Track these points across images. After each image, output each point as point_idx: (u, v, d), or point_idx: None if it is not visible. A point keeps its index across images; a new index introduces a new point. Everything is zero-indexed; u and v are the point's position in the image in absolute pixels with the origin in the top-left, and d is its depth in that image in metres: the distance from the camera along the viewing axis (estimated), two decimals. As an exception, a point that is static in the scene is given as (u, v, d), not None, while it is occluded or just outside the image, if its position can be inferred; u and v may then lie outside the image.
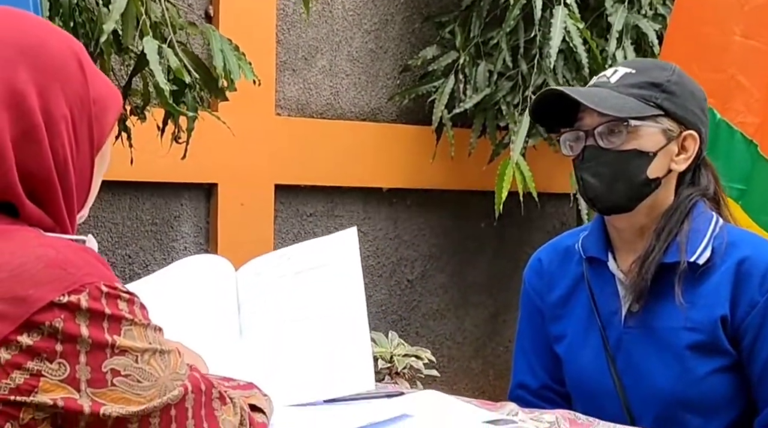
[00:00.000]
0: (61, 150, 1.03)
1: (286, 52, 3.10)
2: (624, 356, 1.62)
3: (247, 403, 1.12)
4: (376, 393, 1.54)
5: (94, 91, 1.07)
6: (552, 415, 1.40)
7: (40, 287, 0.93)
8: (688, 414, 1.58)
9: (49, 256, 0.95)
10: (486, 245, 3.45)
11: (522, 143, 3.00)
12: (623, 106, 1.55)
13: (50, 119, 1.02)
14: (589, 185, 1.58)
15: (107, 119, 1.09)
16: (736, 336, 1.57)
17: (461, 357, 3.41)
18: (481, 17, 3.17)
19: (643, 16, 3.11)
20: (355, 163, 3.16)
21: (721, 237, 1.58)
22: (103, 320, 0.95)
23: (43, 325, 0.92)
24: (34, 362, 0.92)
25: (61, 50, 1.06)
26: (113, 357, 0.95)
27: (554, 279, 1.71)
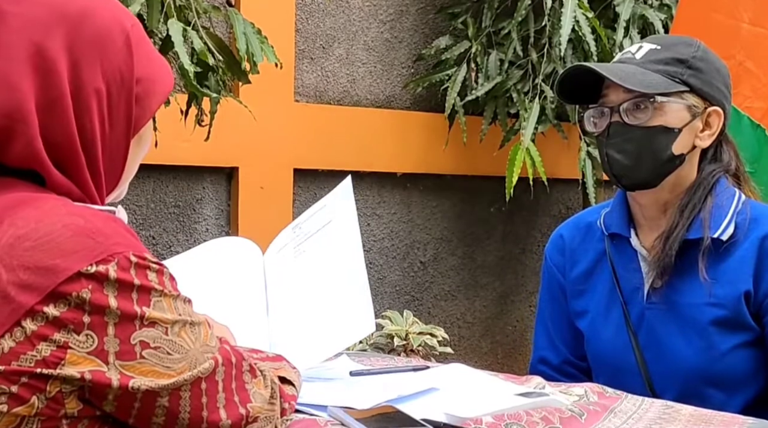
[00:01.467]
0: (89, 124, 0.95)
1: (305, 41, 3.01)
2: (646, 332, 1.54)
3: (277, 375, 1.04)
4: (403, 367, 1.46)
5: (140, 71, 0.98)
6: (581, 388, 1.31)
7: (67, 257, 0.85)
8: (710, 389, 1.50)
9: (77, 224, 0.87)
10: (495, 229, 3.37)
11: (532, 129, 2.92)
12: (649, 82, 1.46)
13: (80, 91, 0.94)
14: (615, 161, 1.49)
15: (151, 102, 1.00)
16: (758, 311, 1.49)
17: (471, 336, 3.33)
18: (492, 8, 3.10)
19: (650, 6, 3.04)
20: (370, 148, 3.08)
21: (744, 213, 1.50)
22: (132, 291, 0.87)
23: (70, 296, 0.84)
24: (60, 333, 0.84)
25: (108, 22, 0.97)
26: (143, 329, 0.87)
27: (576, 255, 1.63)
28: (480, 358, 3.35)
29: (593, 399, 1.27)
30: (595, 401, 1.26)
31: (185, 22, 2.12)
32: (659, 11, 3.02)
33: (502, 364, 3.41)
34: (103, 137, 0.96)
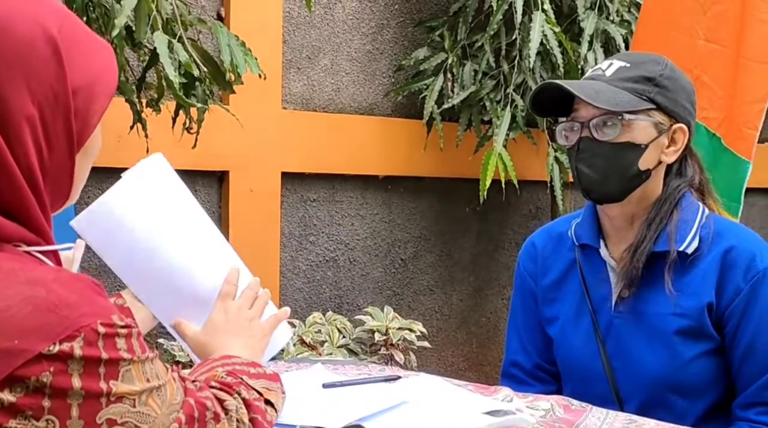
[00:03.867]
0: (24, 157, 0.75)
1: (292, 51, 2.87)
2: (614, 340, 1.42)
3: (264, 398, 0.91)
4: (376, 377, 1.34)
5: (76, 80, 0.78)
6: (547, 402, 1.19)
7: (26, 337, 0.70)
8: (674, 397, 1.38)
9: (38, 297, 0.71)
10: (470, 228, 3.25)
11: (504, 135, 2.81)
12: (618, 100, 1.34)
13: (7, 122, 0.74)
14: (584, 175, 1.38)
15: (93, 110, 0.81)
16: (720, 321, 1.37)
17: (448, 328, 3.21)
18: (467, 22, 2.98)
19: (611, 21, 2.92)
20: (354, 153, 2.96)
21: (708, 227, 1.38)
22: (100, 365, 0.73)
23: (28, 380, 0.70)
24: (17, 420, 0.70)
25: (29, 32, 0.75)
26: (110, 406, 0.73)
27: (548, 264, 1.51)
28: (456, 348, 3.24)
29: (559, 414, 1.15)
30: (561, 416, 1.14)
31: (171, 34, 1.98)
32: (620, 26, 2.92)
33: (477, 353, 3.29)
34: (43, 165, 0.78)
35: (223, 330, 1.04)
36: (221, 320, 1.05)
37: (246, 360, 0.97)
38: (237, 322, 1.05)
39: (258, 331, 1.06)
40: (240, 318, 1.05)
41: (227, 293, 1.06)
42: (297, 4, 2.88)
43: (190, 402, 0.82)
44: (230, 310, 1.05)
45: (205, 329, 1.05)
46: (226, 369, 0.94)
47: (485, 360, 3.31)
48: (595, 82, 1.37)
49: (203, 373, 0.94)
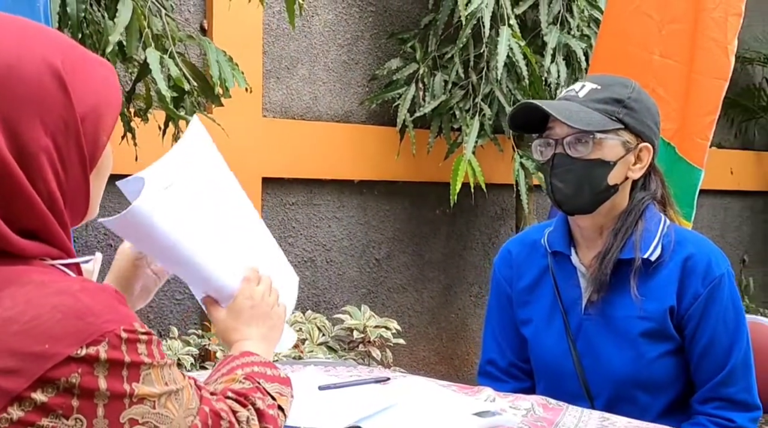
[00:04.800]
0: (44, 185, 0.79)
1: (272, 62, 2.89)
2: (583, 340, 1.47)
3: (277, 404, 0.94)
4: (367, 378, 1.38)
5: (83, 107, 0.80)
6: (527, 401, 1.24)
7: (56, 342, 0.73)
8: (639, 392, 1.44)
9: (66, 305, 0.74)
10: (440, 229, 3.30)
11: (473, 143, 2.86)
12: (590, 120, 1.39)
13: (26, 157, 0.77)
14: (557, 189, 1.43)
15: (102, 131, 0.83)
16: (680, 323, 1.43)
17: (420, 324, 3.26)
18: (437, 35, 3.02)
19: (573, 36, 2.99)
20: (330, 158, 2.98)
21: (669, 236, 1.44)
22: (123, 368, 0.76)
23: (58, 381, 0.73)
24: (48, 419, 0.73)
25: (35, 72, 0.77)
26: (132, 407, 0.76)
27: (522, 269, 1.56)
28: (428, 343, 3.29)
29: (539, 413, 1.20)
30: (541, 415, 1.20)
31: (162, 49, 1.99)
32: (581, 41, 2.99)
33: (447, 347, 3.35)
34: (61, 189, 0.81)
35: (248, 315, 1.04)
36: (246, 305, 1.04)
37: (263, 359, 0.99)
38: (261, 308, 1.05)
39: (277, 319, 1.07)
40: (263, 304, 1.06)
41: (252, 277, 1.06)
42: (276, 17, 2.90)
43: (205, 409, 0.85)
44: (255, 295, 1.05)
45: (230, 312, 1.05)
46: (245, 372, 0.96)
47: (454, 353, 3.37)
48: (569, 103, 1.42)
49: (224, 374, 0.97)
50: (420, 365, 3.21)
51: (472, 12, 2.76)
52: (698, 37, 2.44)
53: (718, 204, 4.30)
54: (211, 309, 1.06)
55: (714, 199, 4.19)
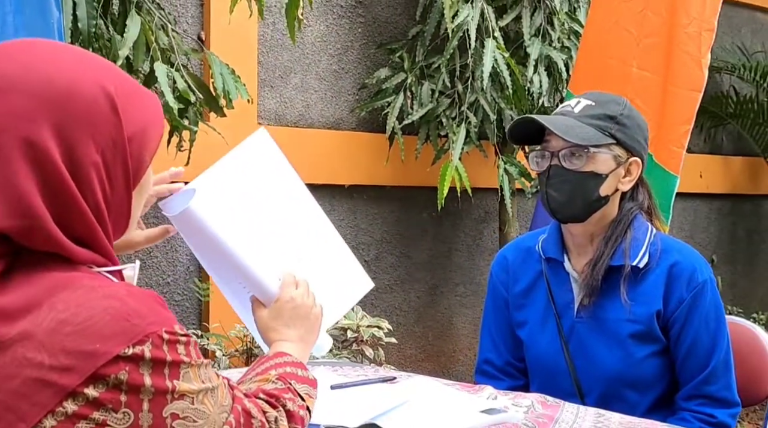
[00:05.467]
0: (93, 197, 0.84)
1: (266, 71, 2.93)
2: (576, 341, 1.54)
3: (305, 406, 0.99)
4: (375, 378, 1.44)
5: (130, 129, 0.86)
6: (527, 399, 1.31)
7: (106, 341, 0.78)
8: (627, 390, 1.51)
9: (114, 308, 0.79)
10: (427, 232, 3.36)
11: (460, 149, 2.92)
12: (584, 135, 1.46)
13: (78, 170, 0.82)
14: (552, 198, 1.49)
15: (146, 152, 0.89)
16: (666, 326, 1.50)
17: (407, 323, 3.32)
18: (424, 45, 3.08)
19: (554, 48, 3.06)
20: (322, 164, 3.03)
21: (656, 244, 1.51)
22: (165, 367, 0.81)
23: (108, 377, 0.78)
24: (99, 412, 0.78)
25: (91, 94, 0.83)
26: (173, 402, 0.81)
27: (517, 274, 1.62)
28: (414, 341, 3.35)
29: (539, 410, 1.27)
30: (541, 412, 1.26)
31: (168, 62, 2.03)
32: (561, 52, 3.05)
33: (433, 345, 3.41)
34: (107, 202, 0.86)
35: (288, 316, 1.09)
36: (288, 306, 1.09)
37: (296, 360, 1.04)
38: (301, 309, 1.09)
39: (315, 320, 1.11)
40: (303, 306, 1.10)
41: (290, 281, 1.10)
42: (270, 28, 2.94)
43: (237, 408, 0.90)
44: (296, 297, 1.10)
45: (271, 312, 1.09)
46: (278, 372, 1.01)
47: (440, 351, 3.44)
48: (565, 118, 1.49)
49: (258, 374, 1.02)
50: (407, 362, 3.28)
51: (458, 24, 2.82)
52: (674, 51, 2.52)
53: (688, 206, 4.41)
54: (255, 309, 1.11)
55: (684, 202, 4.30)
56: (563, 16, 3.06)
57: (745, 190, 4.71)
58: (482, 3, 2.88)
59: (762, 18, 4.79)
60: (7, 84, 0.81)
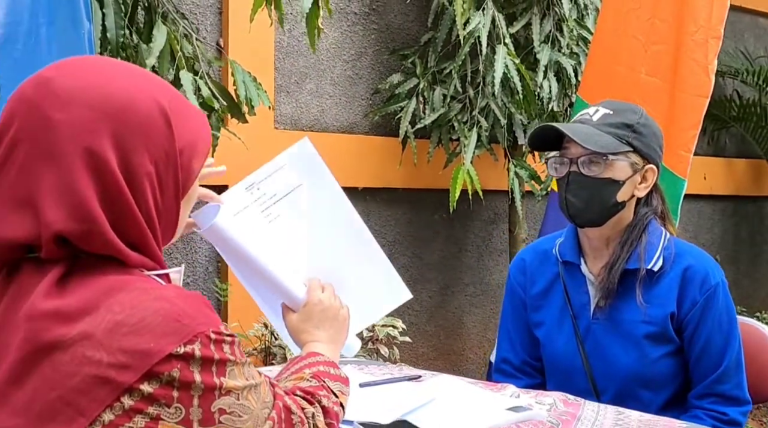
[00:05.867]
0: (145, 204, 0.88)
1: (282, 77, 2.97)
2: (591, 342, 1.57)
3: (338, 402, 1.03)
4: (400, 376, 1.47)
5: (181, 142, 0.90)
6: (550, 397, 1.34)
7: (159, 341, 0.82)
8: (641, 389, 1.54)
9: (165, 309, 0.83)
10: (438, 233, 3.40)
11: (471, 153, 2.95)
12: (603, 143, 1.49)
13: (133, 178, 0.86)
14: (571, 203, 1.53)
15: (195, 164, 0.92)
16: (680, 327, 1.54)
17: (419, 322, 3.36)
18: (436, 51, 3.11)
19: (563, 54, 3.09)
20: (336, 167, 2.95)
21: (669, 248, 1.55)
22: (212, 364, 0.84)
23: (162, 375, 0.81)
24: (153, 407, 0.81)
25: (147, 108, 0.87)
26: (220, 398, 0.85)
27: (535, 276, 1.66)
28: (426, 340, 3.38)
29: (561, 408, 1.30)
30: (563, 409, 1.30)
31: (192, 71, 2.07)
32: (570, 58, 3.08)
33: (444, 344, 3.45)
34: (158, 210, 0.90)
35: (318, 318, 1.13)
36: (316, 309, 1.13)
37: (328, 359, 1.08)
38: (329, 311, 1.14)
39: (343, 321, 1.15)
40: (331, 308, 1.14)
41: (315, 286, 1.15)
42: (287, 35, 2.97)
43: (279, 404, 0.93)
44: (324, 300, 1.14)
45: (301, 316, 1.14)
46: (312, 371, 1.05)
47: (451, 350, 3.47)
48: (584, 126, 1.52)
49: (293, 372, 1.06)
50: (419, 360, 3.31)
51: (470, 31, 2.86)
52: (681, 58, 2.55)
53: (693, 208, 4.44)
54: (285, 313, 1.15)
55: (688, 203, 4.32)
56: (572, 23, 3.09)
57: (748, 192, 4.74)
58: (493, 10, 2.91)
59: (765, 23, 4.82)
60: (71, 98, 0.85)
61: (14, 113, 0.86)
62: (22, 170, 0.84)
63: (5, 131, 0.86)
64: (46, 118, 0.84)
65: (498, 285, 3.57)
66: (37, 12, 1.68)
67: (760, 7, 4.61)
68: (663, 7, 2.57)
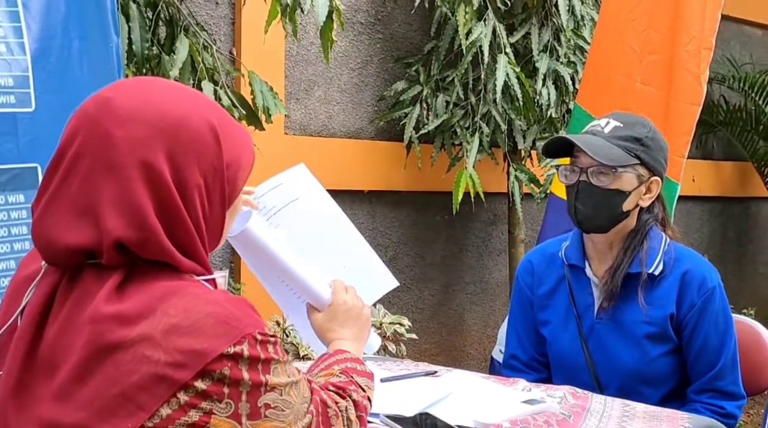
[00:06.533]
0: (195, 214, 0.92)
1: (292, 85, 3.02)
2: (595, 341, 1.63)
3: (366, 396, 1.07)
4: (418, 372, 1.53)
5: (228, 156, 0.94)
6: (560, 391, 1.40)
7: (212, 341, 0.87)
8: (642, 385, 1.60)
9: (217, 313, 0.88)
10: (440, 234, 3.45)
11: (474, 158, 3.00)
12: (613, 155, 1.54)
13: (185, 190, 0.91)
14: (580, 211, 1.58)
15: (240, 178, 0.97)
16: (679, 327, 1.59)
17: (422, 319, 3.41)
18: (439, 60, 3.16)
19: (561, 63, 3.14)
20: (344, 171, 3.12)
21: (669, 253, 1.60)
22: (259, 363, 0.89)
23: (214, 372, 0.86)
24: (206, 402, 0.86)
25: (198, 126, 0.92)
26: (266, 394, 0.90)
27: (542, 278, 1.71)
28: (429, 336, 3.44)
29: (571, 401, 1.36)
30: (573, 402, 1.35)
31: (212, 81, 2.12)
32: (568, 67, 3.13)
33: (446, 340, 3.50)
34: (206, 220, 0.94)
35: (343, 318, 1.18)
36: (341, 309, 1.18)
37: (354, 356, 1.13)
38: (353, 311, 1.19)
39: (366, 320, 1.21)
40: (354, 308, 1.19)
41: (340, 287, 1.20)
42: (296, 44, 3.02)
43: (316, 399, 0.98)
44: (348, 301, 1.19)
45: (326, 315, 1.19)
46: (341, 367, 1.10)
47: (452, 346, 3.53)
48: (595, 137, 1.57)
49: (323, 369, 1.11)
50: (423, 356, 3.37)
51: (472, 41, 2.91)
52: (675, 68, 2.60)
53: (682, 209, 4.51)
54: (310, 313, 1.20)
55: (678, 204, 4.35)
56: (569, 33, 3.15)
57: (735, 193, 4.82)
58: (494, 21, 2.97)
59: (750, 31, 4.89)
60: (129, 116, 0.90)
61: (78, 128, 0.91)
62: (84, 181, 0.89)
63: (69, 145, 0.91)
64: (107, 134, 0.89)
65: (497, 284, 3.63)
66: (69, 27, 1.72)
67: (745, 15, 4.68)
68: (658, 19, 2.63)
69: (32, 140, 1.64)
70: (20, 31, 1.64)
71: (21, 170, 1.63)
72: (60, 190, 0.90)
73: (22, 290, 0.95)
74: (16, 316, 0.93)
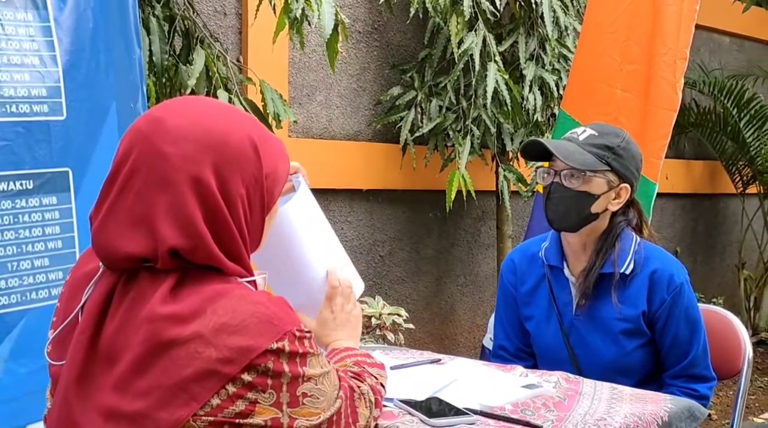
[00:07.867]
0: (238, 222, 0.97)
1: (295, 90, 3.06)
2: (575, 335, 1.69)
3: (380, 383, 1.13)
4: (423, 360, 1.59)
5: (267, 167, 0.99)
6: (554, 376, 1.47)
7: (257, 339, 0.92)
8: (618, 375, 1.65)
9: (261, 312, 0.93)
10: (433, 230, 3.51)
11: (466, 159, 3.06)
12: (584, 160, 1.59)
13: (230, 200, 0.96)
14: (551, 209, 1.63)
15: (277, 187, 1.02)
16: (651, 322, 1.66)
17: (416, 310, 3.47)
18: (432, 67, 3.21)
19: (546, 70, 3.20)
20: (343, 171, 3.17)
21: (640, 253, 1.65)
22: (297, 357, 0.95)
23: (259, 366, 0.92)
24: (251, 393, 0.92)
25: (240, 141, 0.97)
26: (303, 384, 0.96)
27: (524, 276, 1.76)
28: (423, 326, 3.50)
29: (565, 385, 1.43)
30: (566, 386, 1.42)
31: (226, 90, 2.17)
32: (552, 74, 3.20)
33: (438, 330, 3.57)
34: (248, 226, 0.98)
35: (332, 325, 1.22)
36: (329, 317, 1.22)
37: (363, 351, 1.19)
38: (342, 317, 1.23)
39: (356, 320, 1.25)
40: (343, 314, 1.23)
41: (331, 295, 1.23)
42: (299, 52, 3.06)
43: (345, 386, 1.05)
44: (336, 309, 1.23)
45: (317, 322, 1.23)
46: (353, 360, 1.16)
47: (444, 335, 3.60)
48: (570, 144, 1.63)
49: (336, 362, 1.16)
50: (417, 345, 3.43)
51: (464, 50, 2.97)
52: (652, 76, 2.67)
53: (657, 205, 4.56)
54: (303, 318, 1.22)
55: (653, 201, 4.48)
56: (554, 43, 3.21)
57: (705, 190, 4.92)
58: (484, 31, 3.03)
59: (718, 38, 4.99)
60: (179, 134, 0.95)
61: (132, 146, 0.96)
62: (139, 194, 0.94)
63: (124, 161, 0.96)
64: (159, 151, 0.94)
65: (486, 276, 3.70)
66: (97, 41, 1.76)
67: (714, 24, 4.78)
68: (637, 31, 2.70)
69: (63, 146, 1.68)
70: (52, 45, 1.68)
71: (53, 174, 1.67)
72: (117, 203, 0.95)
73: (81, 287, 1.00)
74: (77, 312, 0.98)
